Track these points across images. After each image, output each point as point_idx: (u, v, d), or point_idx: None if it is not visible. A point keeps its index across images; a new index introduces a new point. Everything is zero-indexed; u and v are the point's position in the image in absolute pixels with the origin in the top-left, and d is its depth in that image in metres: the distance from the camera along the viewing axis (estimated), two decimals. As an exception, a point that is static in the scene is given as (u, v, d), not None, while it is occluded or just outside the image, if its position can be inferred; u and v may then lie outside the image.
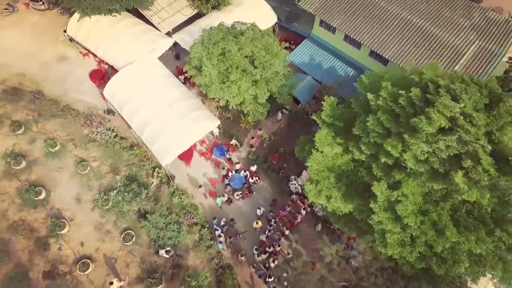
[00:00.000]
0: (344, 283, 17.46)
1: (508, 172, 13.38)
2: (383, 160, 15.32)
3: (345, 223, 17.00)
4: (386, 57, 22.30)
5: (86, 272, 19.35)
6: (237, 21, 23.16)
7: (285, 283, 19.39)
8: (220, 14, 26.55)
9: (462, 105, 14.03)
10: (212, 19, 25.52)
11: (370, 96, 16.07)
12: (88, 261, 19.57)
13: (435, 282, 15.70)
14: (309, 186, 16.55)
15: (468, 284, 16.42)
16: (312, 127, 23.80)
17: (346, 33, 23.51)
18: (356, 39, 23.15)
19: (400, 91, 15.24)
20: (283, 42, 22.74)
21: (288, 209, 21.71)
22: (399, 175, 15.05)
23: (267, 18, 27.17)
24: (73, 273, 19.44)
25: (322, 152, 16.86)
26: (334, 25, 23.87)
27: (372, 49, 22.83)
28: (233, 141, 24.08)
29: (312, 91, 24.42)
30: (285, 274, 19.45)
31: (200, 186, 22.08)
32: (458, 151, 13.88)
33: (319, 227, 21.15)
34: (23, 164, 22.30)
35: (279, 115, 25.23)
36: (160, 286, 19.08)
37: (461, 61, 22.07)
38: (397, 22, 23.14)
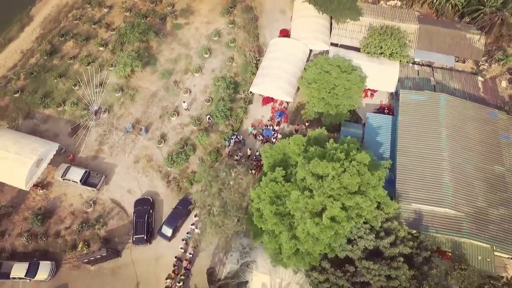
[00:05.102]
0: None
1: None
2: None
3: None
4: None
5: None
6: (361, 68, 33.25)
7: None
8: (365, 57, 36.12)
9: (339, 179, 22.23)
10: (360, 61, 35.31)
11: (331, 140, 25.51)
12: (188, 94, 37.29)
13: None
14: (267, 147, 28.13)
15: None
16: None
17: (398, 139, 30.52)
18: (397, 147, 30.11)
19: (341, 146, 24.26)
20: (386, 109, 31.46)
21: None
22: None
23: (387, 85, 35.19)
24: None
25: (289, 142, 27.51)
26: (398, 125, 30.97)
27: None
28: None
29: (354, 137, 32.59)
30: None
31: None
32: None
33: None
34: (216, 38, 40.82)
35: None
36: (195, 127, 35.25)
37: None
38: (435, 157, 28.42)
